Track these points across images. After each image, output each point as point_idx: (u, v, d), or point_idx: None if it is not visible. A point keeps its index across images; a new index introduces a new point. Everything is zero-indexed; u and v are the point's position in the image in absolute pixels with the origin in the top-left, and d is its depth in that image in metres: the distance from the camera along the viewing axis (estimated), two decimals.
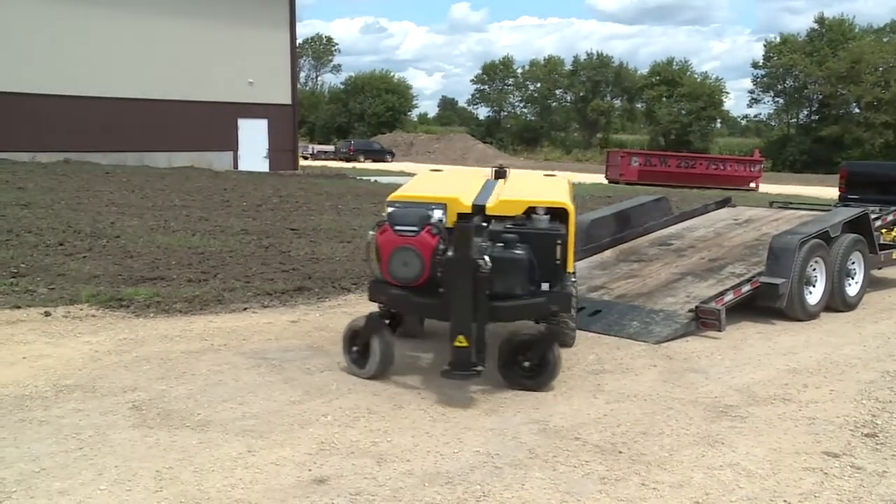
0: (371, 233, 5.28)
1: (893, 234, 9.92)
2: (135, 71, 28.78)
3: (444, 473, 3.87)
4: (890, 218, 9.63)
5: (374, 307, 5.61)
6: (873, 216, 8.96)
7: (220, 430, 4.33)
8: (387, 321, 5.50)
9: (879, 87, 60.39)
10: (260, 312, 7.24)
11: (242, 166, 31.42)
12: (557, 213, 5.51)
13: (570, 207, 5.58)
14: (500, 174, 6.39)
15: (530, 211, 5.51)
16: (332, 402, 4.86)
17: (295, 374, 5.38)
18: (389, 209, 5.40)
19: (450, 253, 4.99)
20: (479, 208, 5.50)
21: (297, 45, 39.22)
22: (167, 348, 5.88)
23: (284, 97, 33.70)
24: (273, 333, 6.47)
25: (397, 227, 5.14)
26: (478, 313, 4.93)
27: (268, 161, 32.75)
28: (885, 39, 64.55)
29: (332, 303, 7.80)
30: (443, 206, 5.44)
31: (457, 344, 4.89)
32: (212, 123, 30.91)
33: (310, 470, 3.85)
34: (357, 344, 5.39)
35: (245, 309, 7.32)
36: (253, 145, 32.37)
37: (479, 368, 4.96)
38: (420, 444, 4.25)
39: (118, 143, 28.32)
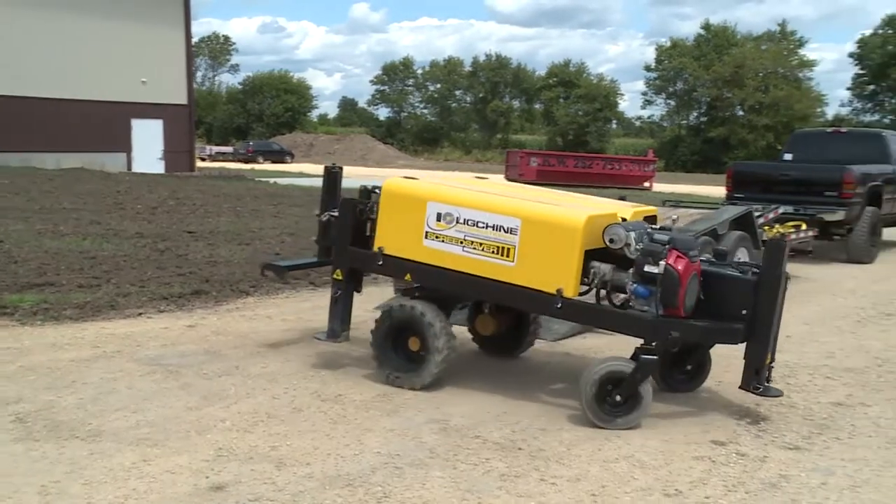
0: (663, 264, 4.53)
1: (775, 230, 10.42)
2: (19, 67, 27.48)
3: (345, 476, 3.86)
4: (771, 216, 10.14)
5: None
6: (756, 214, 9.42)
7: (112, 439, 4.19)
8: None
9: (760, 91, 63.29)
10: (155, 317, 7.04)
11: (136, 168, 30.46)
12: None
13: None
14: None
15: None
16: (231, 406, 4.78)
17: (192, 380, 5.25)
18: (645, 235, 4.77)
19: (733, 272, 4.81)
20: None
21: (193, 43, 38.32)
22: (55, 357, 5.65)
23: (180, 97, 32.87)
24: (169, 339, 6.30)
25: (691, 253, 4.62)
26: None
27: (163, 162, 31.86)
28: (763, 47, 67.62)
29: (230, 306, 7.65)
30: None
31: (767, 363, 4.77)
32: (104, 123, 29.84)
33: (207, 477, 3.78)
34: (620, 392, 4.65)
35: (140, 314, 7.10)
36: (147, 146, 31.43)
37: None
38: (320, 446, 4.22)
39: (0, 143, 26.99)
